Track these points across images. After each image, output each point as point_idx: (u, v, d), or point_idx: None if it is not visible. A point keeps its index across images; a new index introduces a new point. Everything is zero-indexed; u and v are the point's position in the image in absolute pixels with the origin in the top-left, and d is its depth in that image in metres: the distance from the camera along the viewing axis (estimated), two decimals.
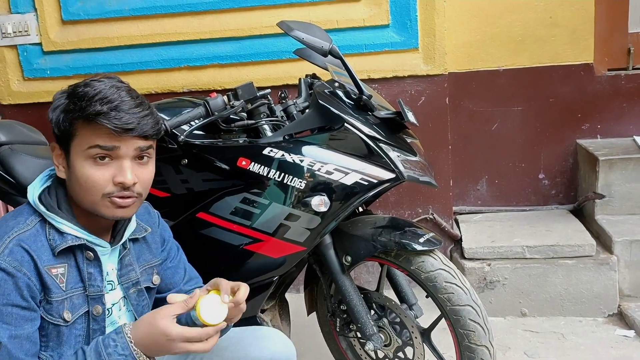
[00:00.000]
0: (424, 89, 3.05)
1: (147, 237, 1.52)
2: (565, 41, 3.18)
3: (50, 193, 1.34)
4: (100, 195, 1.28)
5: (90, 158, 1.27)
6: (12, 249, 1.23)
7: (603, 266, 2.78)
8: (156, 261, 1.54)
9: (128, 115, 1.26)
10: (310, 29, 1.82)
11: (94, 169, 1.27)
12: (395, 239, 1.81)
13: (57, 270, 1.29)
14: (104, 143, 1.26)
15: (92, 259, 1.35)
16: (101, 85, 1.27)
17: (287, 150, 1.79)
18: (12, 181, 2.09)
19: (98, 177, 1.27)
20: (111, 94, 1.26)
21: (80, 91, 1.27)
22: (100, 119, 1.23)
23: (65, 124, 1.27)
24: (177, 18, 3.07)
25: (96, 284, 1.36)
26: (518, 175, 3.34)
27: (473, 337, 1.78)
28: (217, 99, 1.83)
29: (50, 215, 1.30)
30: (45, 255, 1.27)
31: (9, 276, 1.21)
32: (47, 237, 1.29)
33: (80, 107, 1.24)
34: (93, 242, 1.34)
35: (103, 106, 1.23)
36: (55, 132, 1.31)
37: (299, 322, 2.40)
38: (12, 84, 3.20)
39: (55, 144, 1.32)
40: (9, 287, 1.21)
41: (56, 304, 1.29)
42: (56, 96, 1.31)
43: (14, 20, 3.12)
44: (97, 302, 1.37)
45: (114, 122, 1.24)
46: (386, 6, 2.95)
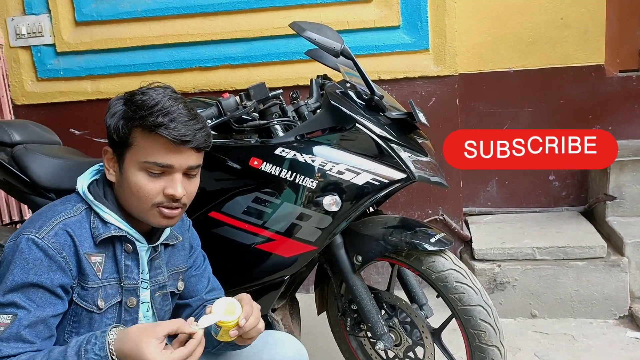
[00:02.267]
0: (434, 90, 3.05)
1: (177, 244, 1.55)
2: (576, 42, 3.17)
3: (98, 185, 1.39)
4: (150, 205, 1.33)
5: (144, 170, 1.31)
6: (57, 232, 1.27)
7: (614, 268, 2.77)
8: (183, 267, 1.57)
9: (185, 127, 1.29)
10: (322, 29, 1.83)
11: (146, 180, 1.31)
12: (406, 239, 1.81)
13: (96, 258, 1.33)
14: (161, 161, 1.30)
15: (130, 252, 1.39)
16: (159, 96, 1.30)
17: (299, 150, 1.80)
18: (27, 180, 2.11)
19: (150, 188, 1.32)
20: (169, 105, 1.29)
21: (138, 99, 1.30)
22: (161, 130, 1.27)
23: (124, 131, 1.30)
24: (188, 19, 3.09)
25: (132, 276, 1.40)
26: (528, 176, 3.34)
27: (484, 337, 1.78)
28: (230, 99, 1.85)
29: (97, 204, 1.35)
30: (87, 242, 1.32)
31: (47, 257, 1.25)
32: (91, 225, 1.33)
33: (140, 116, 1.28)
34: (133, 235, 1.38)
35: (164, 118, 1.27)
36: (111, 138, 1.34)
37: (309, 322, 2.41)
38: (26, 84, 3.24)
39: (108, 148, 1.36)
40: (43, 267, 1.24)
41: (91, 290, 1.32)
42: (112, 102, 1.35)
43: (28, 22, 3.16)
44: (131, 294, 1.41)
45: (173, 133, 1.27)
46: (397, 7, 2.97)
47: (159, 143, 1.29)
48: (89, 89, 3.20)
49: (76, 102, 3.22)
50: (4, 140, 2.17)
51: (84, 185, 1.38)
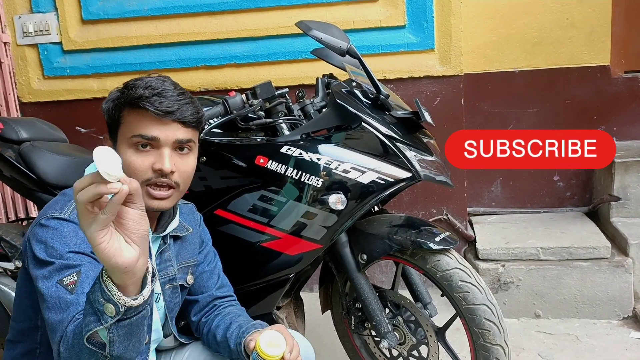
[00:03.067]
0: (439, 90, 3.06)
1: (187, 237, 1.55)
2: (581, 43, 3.17)
3: None
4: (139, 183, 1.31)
5: (133, 146, 1.31)
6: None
7: (618, 268, 2.77)
8: (193, 261, 1.57)
9: (169, 100, 1.30)
10: (329, 28, 1.84)
11: (135, 156, 1.31)
12: (411, 238, 1.82)
13: None
14: (146, 132, 1.30)
15: None
16: (150, 78, 1.34)
17: (305, 149, 1.81)
18: (34, 177, 2.12)
19: (139, 163, 1.31)
20: (156, 82, 1.32)
21: (130, 83, 1.33)
22: (143, 102, 1.28)
23: (113, 112, 1.33)
24: (195, 18, 3.10)
25: None
26: (532, 177, 3.34)
27: (488, 336, 1.79)
28: (236, 98, 1.86)
29: None
30: None
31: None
32: None
33: (126, 94, 1.30)
34: None
35: (145, 90, 1.29)
36: (107, 123, 1.36)
37: (313, 321, 2.41)
38: (33, 82, 3.25)
39: (106, 134, 1.37)
40: (80, 237, 1.23)
41: None
42: (112, 91, 1.38)
43: (35, 20, 3.18)
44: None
45: (155, 104, 1.28)
46: (403, 7, 2.97)
47: (145, 117, 1.30)
48: (95, 87, 3.22)
49: (82, 100, 3.24)
50: (11, 138, 2.18)
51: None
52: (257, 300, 1.97)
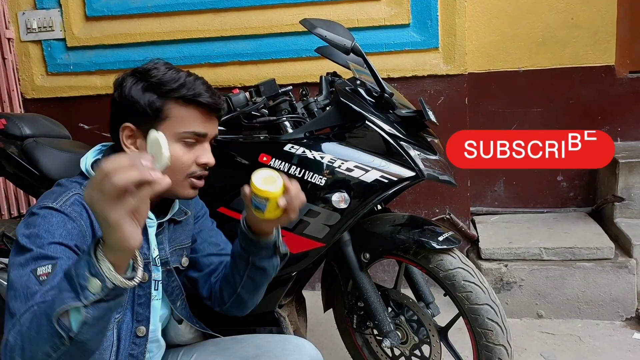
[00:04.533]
0: (443, 89, 3.05)
1: (184, 220, 1.55)
2: (586, 43, 3.17)
3: (100, 162, 1.36)
4: (183, 176, 1.36)
5: (180, 140, 1.34)
6: (74, 202, 1.25)
7: (622, 269, 2.76)
8: (187, 243, 1.57)
9: (215, 96, 1.35)
10: (333, 26, 1.83)
11: (183, 151, 1.34)
12: (414, 237, 1.82)
13: None
14: (199, 129, 1.34)
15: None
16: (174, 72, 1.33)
17: (308, 147, 1.80)
18: (36, 173, 2.12)
19: (187, 159, 1.35)
20: (191, 78, 1.34)
21: (157, 73, 1.32)
22: (200, 98, 1.31)
23: (158, 105, 1.31)
24: (198, 15, 3.10)
25: (142, 251, 1.38)
26: (536, 177, 3.33)
27: (491, 336, 1.78)
28: (240, 95, 1.85)
29: None
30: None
31: (70, 219, 1.22)
32: None
33: (173, 88, 1.30)
34: None
35: (199, 88, 1.32)
36: (135, 113, 1.32)
37: (315, 319, 2.41)
38: (36, 78, 3.25)
39: (129, 124, 1.33)
40: (67, 228, 1.20)
41: None
42: (123, 80, 1.34)
43: (39, 16, 3.17)
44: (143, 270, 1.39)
45: (209, 100, 1.33)
46: (407, 6, 2.97)
47: (196, 113, 1.33)
48: (99, 84, 3.22)
49: (85, 97, 3.24)
50: (15, 134, 2.18)
51: (87, 164, 1.37)
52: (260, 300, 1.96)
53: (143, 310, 1.43)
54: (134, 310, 1.40)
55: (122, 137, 1.34)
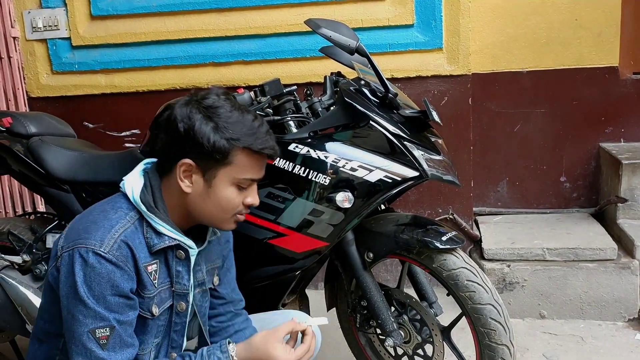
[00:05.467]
0: (447, 89, 3.06)
1: (215, 239, 1.57)
2: (590, 44, 3.16)
3: (147, 192, 1.38)
4: (231, 215, 1.40)
5: (236, 184, 1.38)
6: (120, 245, 1.29)
7: (624, 270, 2.76)
8: (218, 263, 1.59)
9: (273, 141, 1.41)
10: (338, 27, 1.84)
11: (236, 194, 1.39)
12: (417, 237, 1.82)
13: (152, 267, 1.36)
14: (256, 176, 1.40)
15: (182, 258, 1.42)
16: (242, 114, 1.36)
17: (312, 147, 1.81)
18: (42, 171, 2.14)
19: (238, 200, 1.39)
20: (257, 123, 1.38)
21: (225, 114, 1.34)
22: (266, 151, 1.37)
23: (225, 150, 1.33)
24: (203, 15, 3.11)
25: (183, 282, 1.43)
26: (539, 177, 3.34)
27: (494, 336, 1.79)
28: (244, 95, 1.86)
29: (150, 216, 1.35)
30: (143, 253, 1.34)
31: (118, 268, 1.27)
32: (145, 235, 1.35)
33: (243, 137, 1.33)
34: (186, 243, 1.40)
35: (264, 137, 1.37)
36: (198, 152, 1.33)
37: None
38: (41, 77, 3.26)
39: (189, 161, 1.34)
40: (117, 278, 1.27)
41: (148, 300, 1.36)
42: (187, 114, 1.33)
43: (44, 15, 3.19)
44: (181, 299, 1.44)
45: (271, 152, 1.39)
46: (411, 6, 2.97)
47: (258, 161, 1.39)
48: (103, 83, 3.23)
49: (90, 96, 3.25)
50: (20, 132, 2.20)
51: (135, 193, 1.37)
52: (263, 296, 1.97)
53: (178, 338, 1.49)
54: (170, 337, 1.46)
55: (179, 172, 1.35)
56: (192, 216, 1.41)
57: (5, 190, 3.27)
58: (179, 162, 1.35)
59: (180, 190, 1.36)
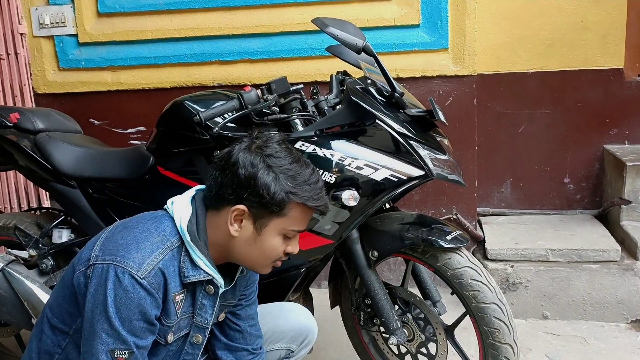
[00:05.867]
0: (452, 90, 3.06)
1: (239, 279, 1.56)
2: (595, 45, 3.17)
3: (193, 221, 1.38)
4: (271, 261, 1.41)
5: (282, 234, 1.40)
6: (157, 272, 1.29)
7: (627, 272, 2.77)
8: (232, 302, 1.58)
9: (325, 196, 1.43)
10: (345, 26, 1.84)
11: (280, 243, 1.40)
12: (422, 236, 1.83)
13: (179, 297, 1.36)
14: (302, 228, 1.42)
15: (210, 293, 1.42)
16: (303, 168, 1.38)
17: (318, 145, 1.82)
18: (49, 167, 2.15)
19: (282, 249, 1.41)
20: (314, 177, 1.40)
21: (287, 167, 1.35)
22: (320, 208, 1.40)
23: (283, 203, 1.34)
24: (209, 13, 3.12)
25: (205, 315, 1.45)
26: (543, 178, 3.34)
27: (497, 335, 1.80)
28: (251, 93, 1.87)
29: (192, 247, 1.36)
30: (175, 282, 1.34)
31: (150, 295, 1.28)
32: (180, 264, 1.35)
33: (301, 193, 1.35)
34: (218, 280, 1.41)
35: (318, 194, 1.39)
36: (258, 202, 1.34)
37: (321, 316, 2.42)
38: (48, 73, 3.28)
39: (243, 207, 1.34)
40: (147, 304, 1.28)
41: (167, 327, 1.37)
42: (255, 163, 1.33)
43: (52, 12, 3.20)
44: (199, 332, 1.46)
45: (323, 209, 1.42)
46: (417, 6, 2.98)
47: (308, 215, 1.41)
48: (110, 80, 3.24)
49: (96, 93, 3.26)
50: (28, 128, 2.21)
51: (182, 220, 1.37)
52: (268, 294, 1.97)
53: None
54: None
55: (231, 216, 1.35)
56: (230, 256, 1.42)
57: (10, 186, 3.29)
58: (233, 207, 1.35)
59: (226, 231, 1.37)
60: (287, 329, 1.67)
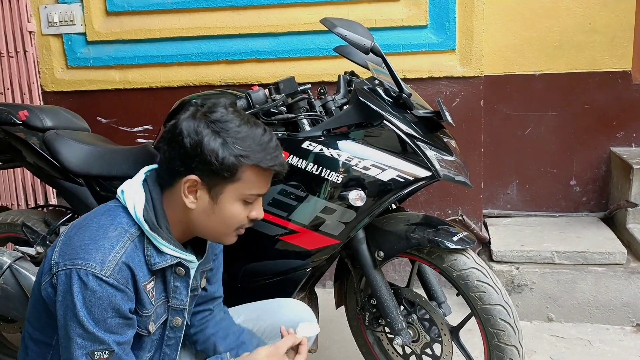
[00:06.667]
0: (459, 91, 3.06)
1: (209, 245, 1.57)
2: (603, 48, 3.16)
3: (149, 207, 1.34)
4: (233, 229, 1.39)
5: (242, 199, 1.35)
6: (121, 267, 1.26)
7: (633, 275, 2.76)
8: (209, 267, 1.58)
9: (281, 157, 1.37)
10: (353, 26, 1.85)
11: (241, 209, 1.36)
12: (428, 237, 1.83)
13: (150, 285, 1.34)
14: (262, 191, 1.38)
15: (182, 275, 1.41)
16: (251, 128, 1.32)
17: (326, 145, 1.83)
18: (57, 165, 2.16)
19: (243, 215, 1.37)
20: (266, 138, 1.34)
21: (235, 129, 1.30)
22: (275, 167, 1.34)
23: (234, 168, 1.30)
24: (217, 12, 3.13)
25: (180, 297, 1.43)
26: (549, 180, 3.33)
27: (503, 337, 1.80)
28: (259, 92, 1.87)
29: (152, 235, 1.33)
30: (142, 272, 1.32)
31: (119, 291, 1.25)
32: (145, 252, 1.32)
33: (252, 154, 1.30)
34: (188, 259, 1.39)
35: (273, 154, 1.33)
36: (210, 170, 1.30)
37: (326, 316, 2.43)
38: (56, 71, 3.29)
39: (195, 177, 1.31)
40: (118, 300, 1.25)
41: (145, 318, 1.35)
42: (200, 130, 1.29)
43: (60, 10, 3.22)
44: (178, 314, 1.45)
45: (280, 169, 1.36)
46: (425, 7, 2.98)
47: (266, 176, 1.36)
48: (117, 78, 3.25)
49: (104, 91, 3.28)
50: (36, 125, 2.22)
51: (137, 209, 1.32)
52: (274, 293, 1.97)
53: (170, 352, 1.49)
54: (162, 351, 1.46)
55: (184, 188, 1.32)
56: (194, 231, 1.39)
57: (18, 183, 3.30)
58: (184, 178, 1.31)
59: (183, 205, 1.33)
60: (287, 324, 1.61)
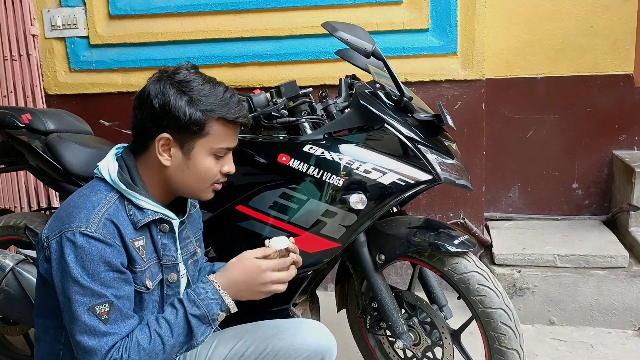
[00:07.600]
0: (460, 94, 3.06)
1: (194, 212, 1.63)
2: (605, 51, 3.16)
3: (124, 172, 1.42)
4: (209, 184, 1.47)
5: (213, 154, 1.44)
6: (105, 222, 1.33)
7: (635, 278, 2.76)
8: (200, 233, 1.66)
9: (244, 109, 1.46)
10: (354, 30, 1.85)
11: (214, 163, 1.45)
12: (429, 240, 1.83)
13: (139, 242, 1.40)
14: (231, 145, 1.46)
15: (167, 231, 1.46)
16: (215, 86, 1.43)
17: (327, 148, 1.83)
18: (59, 168, 2.17)
19: (216, 170, 1.46)
20: (229, 93, 1.44)
21: (198, 87, 1.39)
22: (240, 119, 1.43)
23: (201, 122, 1.38)
24: (219, 16, 3.14)
25: (170, 253, 1.48)
26: (551, 183, 3.33)
27: (504, 340, 1.80)
28: (260, 96, 1.88)
29: (130, 193, 1.40)
30: (129, 229, 1.37)
31: (107, 245, 1.31)
32: (127, 212, 1.39)
33: (216, 108, 1.39)
34: (169, 215, 1.45)
35: (236, 107, 1.42)
36: (178, 126, 1.38)
37: (327, 319, 2.42)
38: (59, 75, 3.31)
39: (167, 135, 1.39)
40: (108, 254, 1.31)
41: (140, 273, 1.40)
42: (162, 90, 1.37)
43: (64, 14, 3.23)
44: (171, 271, 1.48)
45: (244, 120, 1.45)
46: (427, 10, 2.98)
47: (232, 130, 1.44)
48: (120, 82, 3.26)
49: (107, 94, 3.29)
50: (39, 128, 2.23)
51: (112, 174, 1.41)
52: (274, 296, 1.98)
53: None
54: (164, 310, 1.46)
55: (158, 147, 1.40)
56: (172, 189, 1.46)
57: (21, 186, 3.32)
58: (157, 137, 1.39)
59: (159, 164, 1.41)
60: (304, 348, 1.58)
